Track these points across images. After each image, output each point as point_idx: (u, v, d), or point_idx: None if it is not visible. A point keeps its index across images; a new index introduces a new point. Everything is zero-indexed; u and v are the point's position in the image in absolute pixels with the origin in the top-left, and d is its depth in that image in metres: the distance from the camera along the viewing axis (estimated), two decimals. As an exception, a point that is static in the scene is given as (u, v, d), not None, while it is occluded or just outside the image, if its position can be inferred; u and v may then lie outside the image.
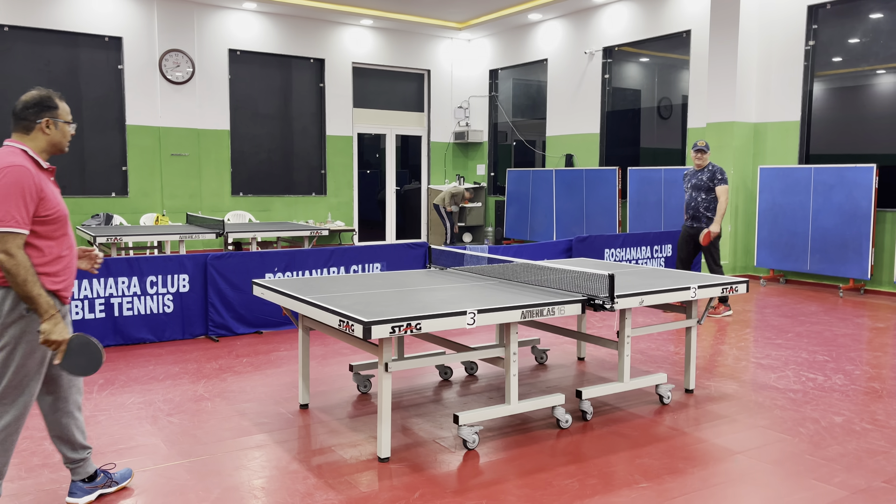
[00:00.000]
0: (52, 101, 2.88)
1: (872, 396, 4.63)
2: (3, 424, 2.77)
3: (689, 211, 7.30)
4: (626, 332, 4.34)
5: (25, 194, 2.67)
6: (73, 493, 3.09)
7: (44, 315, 2.69)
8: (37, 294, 2.67)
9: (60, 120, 2.89)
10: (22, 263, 2.65)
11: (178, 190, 12.00)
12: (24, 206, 2.66)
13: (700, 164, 7.25)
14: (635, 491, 3.23)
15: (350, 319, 3.25)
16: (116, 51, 11.50)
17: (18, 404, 2.79)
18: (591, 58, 12.46)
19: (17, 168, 2.68)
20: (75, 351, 2.78)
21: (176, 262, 6.09)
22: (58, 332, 2.71)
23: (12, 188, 2.65)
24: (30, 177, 2.70)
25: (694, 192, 7.25)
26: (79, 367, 2.80)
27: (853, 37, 9.13)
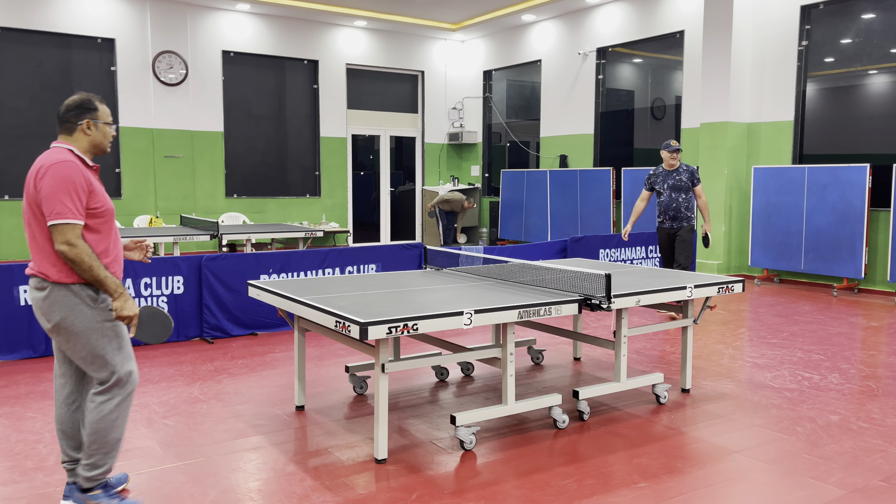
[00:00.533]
0: (93, 103, 3.02)
1: (868, 395, 4.64)
2: (116, 403, 2.95)
3: (670, 212, 7.13)
4: (623, 331, 4.34)
5: (77, 188, 2.83)
6: (68, 497, 3.06)
7: (114, 294, 2.87)
8: (104, 276, 2.84)
9: (100, 121, 3.03)
10: (85, 251, 2.81)
11: (171, 192, 11.96)
12: (77, 198, 2.82)
13: (674, 164, 7.11)
14: (633, 491, 3.22)
15: (346, 320, 3.23)
16: (109, 52, 11.45)
17: (128, 384, 2.98)
18: (584, 58, 12.48)
19: (66, 163, 2.84)
20: (146, 321, 3.00)
21: (170, 263, 6.06)
22: (129, 308, 2.88)
23: (65, 182, 2.81)
24: (79, 171, 2.86)
25: (674, 193, 7.09)
26: (153, 335, 3.02)
27: (846, 37, 9.17)
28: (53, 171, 2.80)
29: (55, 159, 2.84)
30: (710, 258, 10.07)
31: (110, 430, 2.92)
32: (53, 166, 2.81)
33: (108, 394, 2.93)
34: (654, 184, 7.24)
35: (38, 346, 5.53)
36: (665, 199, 7.16)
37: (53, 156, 2.86)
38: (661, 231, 7.30)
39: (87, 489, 2.95)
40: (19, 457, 3.59)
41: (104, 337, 2.90)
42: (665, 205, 7.16)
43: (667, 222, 7.19)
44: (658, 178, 7.21)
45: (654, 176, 7.26)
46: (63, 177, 2.80)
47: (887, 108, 8.80)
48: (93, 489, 2.95)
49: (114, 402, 2.93)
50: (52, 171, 2.80)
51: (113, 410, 2.93)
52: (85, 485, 2.94)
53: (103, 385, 2.93)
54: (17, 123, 10.90)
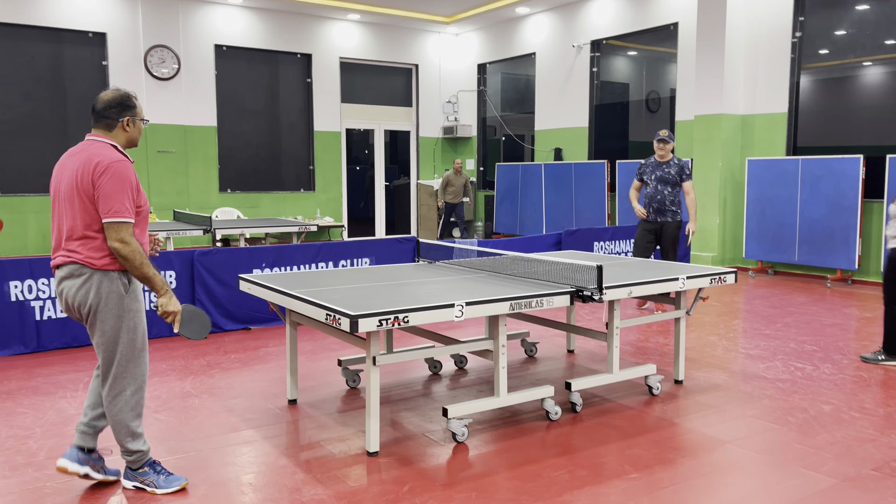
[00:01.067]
0: (132, 101, 3.10)
1: (860, 385, 4.65)
2: (131, 392, 3.05)
3: (654, 204, 6.86)
4: (615, 323, 4.33)
5: (131, 187, 2.96)
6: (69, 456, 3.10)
7: (160, 291, 3.00)
8: (152, 274, 2.97)
9: (138, 118, 3.12)
10: (136, 249, 2.93)
11: (165, 187, 11.92)
12: (130, 197, 2.95)
13: (663, 154, 6.83)
14: (625, 482, 3.22)
15: (337, 313, 3.22)
16: (101, 47, 11.39)
17: (137, 375, 3.07)
18: (578, 51, 12.46)
19: (124, 163, 2.95)
20: (188, 318, 3.10)
21: (162, 258, 6.04)
22: (173, 305, 3.03)
23: (124, 182, 2.92)
24: (132, 171, 3.00)
25: (660, 185, 6.83)
26: (194, 331, 3.12)
27: (840, 28, 9.16)
28: (114, 169, 2.90)
29: (113, 157, 2.92)
30: (704, 250, 10.07)
31: (128, 418, 3.06)
32: (114, 164, 2.91)
33: (118, 386, 3.04)
34: (643, 174, 7.01)
35: (30, 342, 5.51)
36: (650, 191, 6.91)
37: (107, 153, 2.94)
38: (641, 225, 7.01)
39: (135, 469, 3.13)
40: (9, 452, 3.57)
41: (125, 324, 3.01)
42: (650, 196, 6.91)
43: (650, 215, 6.93)
44: (647, 169, 6.98)
45: (644, 166, 7.04)
46: (123, 176, 2.91)
47: (881, 100, 8.80)
48: (140, 468, 3.12)
49: (126, 392, 3.04)
50: (113, 170, 2.90)
51: (127, 401, 3.05)
52: (132, 465, 3.13)
53: (109, 377, 3.03)
54: (8, 119, 10.84)
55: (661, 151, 6.84)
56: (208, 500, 3.06)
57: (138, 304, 3.06)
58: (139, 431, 3.09)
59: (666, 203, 6.84)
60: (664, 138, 6.80)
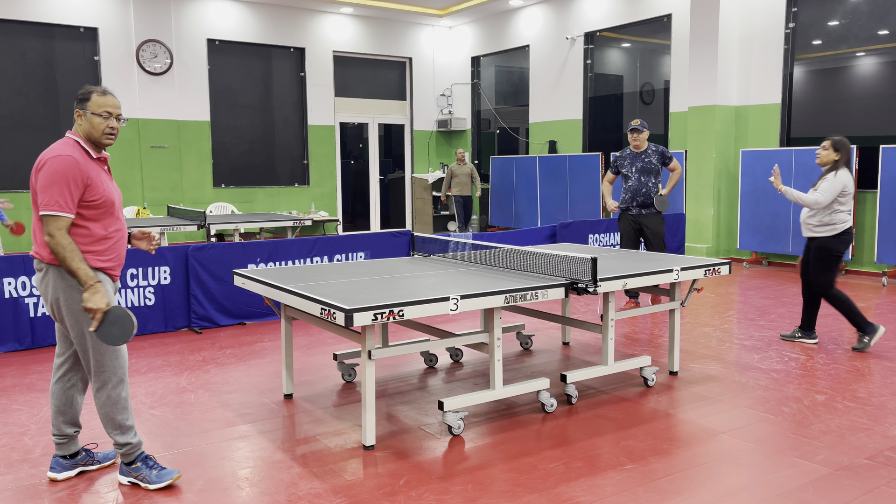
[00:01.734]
0: (87, 93, 3.05)
1: (854, 375, 4.67)
2: (112, 386, 3.06)
3: (639, 197, 6.58)
4: (610, 315, 4.35)
5: (70, 182, 2.90)
6: (54, 469, 3.21)
7: (84, 284, 2.91)
8: (76, 267, 2.90)
9: (88, 111, 3.03)
10: (60, 242, 2.89)
11: (158, 182, 11.87)
12: (67, 192, 2.90)
13: (639, 145, 6.57)
14: (620, 473, 3.23)
15: (332, 307, 3.22)
16: (92, 42, 11.32)
17: (117, 367, 3.06)
18: (572, 43, 12.44)
19: (62, 158, 2.92)
20: (110, 321, 2.95)
21: (156, 254, 6.02)
22: (94, 301, 2.90)
23: (57, 176, 2.89)
24: (75, 166, 2.92)
25: (643, 176, 6.55)
26: (111, 335, 2.94)
27: (833, 19, 9.17)
28: (49, 163, 2.91)
29: (55, 152, 2.94)
30: (699, 242, 10.10)
31: (114, 412, 3.08)
32: (51, 159, 2.92)
33: (100, 379, 3.06)
34: (620, 167, 6.71)
35: (24, 339, 5.50)
36: (633, 184, 6.60)
37: (56, 148, 2.97)
38: (625, 218, 6.73)
39: (128, 463, 3.14)
40: (5, 449, 3.57)
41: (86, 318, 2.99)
42: (633, 189, 6.60)
43: (634, 208, 6.64)
44: (625, 161, 6.68)
45: (620, 158, 6.73)
46: (56, 171, 2.89)
47: (874, 90, 8.81)
48: (132, 462, 3.14)
49: (108, 387, 3.06)
50: (48, 164, 2.91)
51: (110, 394, 3.07)
52: (125, 459, 3.15)
53: (91, 371, 3.07)
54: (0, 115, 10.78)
55: (636, 142, 6.57)
56: (205, 495, 3.07)
57: None
58: (128, 424, 3.11)
59: (650, 195, 6.59)
60: (637, 127, 6.52)
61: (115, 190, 3.15)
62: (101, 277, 3.04)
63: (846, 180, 5.10)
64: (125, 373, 3.11)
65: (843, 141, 5.24)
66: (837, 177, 5.11)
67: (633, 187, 6.61)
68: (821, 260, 5.22)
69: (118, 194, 3.18)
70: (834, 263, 5.20)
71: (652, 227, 6.63)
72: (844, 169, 5.18)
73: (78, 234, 2.98)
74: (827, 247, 5.19)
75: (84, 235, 3.00)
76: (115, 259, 3.12)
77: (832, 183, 5.08)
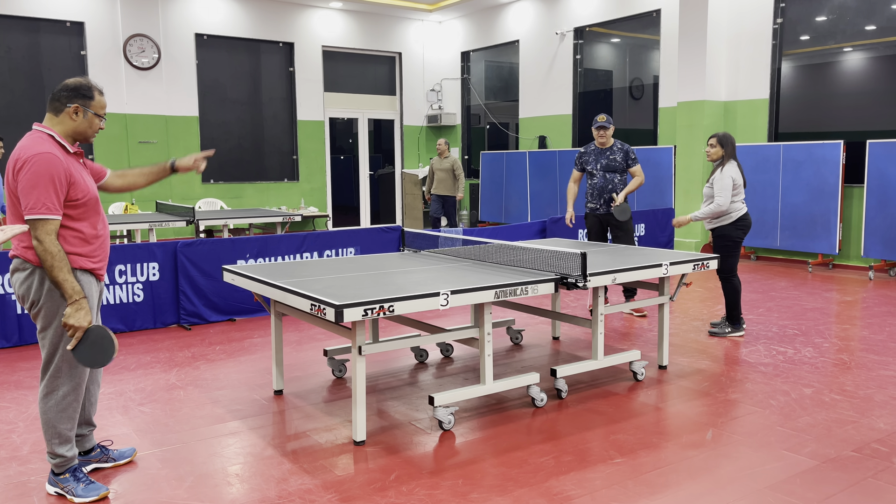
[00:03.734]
0: (91, 91, 2.93)
1: (841, 368, 4.72)
2: (62, 394, 2.94)
3: (605, 195, 6.35)
4: (599, 310, 4.36)
5: (56, 181, 2.77)
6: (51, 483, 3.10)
7: (68, 299, 2.79)
8: (62, 279, 2.77)
9: (91, 111, 2.94)
10: (49, 250, 2.75)
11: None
12: (54, 193, 2.76)
13: (604, 142, 6.35)
14: (610, 466, 3.25)
15: (322, 303, 3.22)
16: (79, 36, 11.23)
17: (73, 376, 2.94)
18: (562, 39, 12.44)
19: (45, 156, 2.76)
20: (90, 341, 2.81)
21: (145, 250, 5.99)
22: (77, 318, 2.78)
23: (42, 176, 2.74)
24: (59, 164, 2.78)
25: (608, 174, 6.34)
26: (88, 357, 2.82)
27: (820, 14, 9.21)
28: (32, 163, 2.74)
29: (34, 150, 2.77)
30: (688, 237, 10.14)
31: (57, 420, 2.95)
32: (32, 158, 2.74)
33: (51, 384, 2.94)
34: (585, 164, 6.48)
35: (11, 336, 5.46)
36: (598, 182, 6.39)
37: (32, 145, 2.79)
38: (591, 217, 6.51)
39: (57, 473, 3.03)
40: (-8, 447, 3.55)
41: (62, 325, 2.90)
42: (599, 187, 6.38)
43: (601, 207, 6.41)
44: (590, 158, 6.45)
45: (585, 155, 6.50)
46: (40, 171, 2.74)
47: (861, 86, 8.87)
48: (62, 473, 3.03)
49: (58, 394, 2.94)
50: (30, 164, 2.74)
51: (59, 402, 2.94)
52: (55, 469, 3.03)
53: (47, 374, 2.95)
54: (-15, 110, 10.68)
55: (601, 139, 6.34)
56: (195, 491, 3.06)
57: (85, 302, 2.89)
58: (68, 435, 2.98)
59: (616, 192, 6.36)
60: (603, 124, 6.30)
61: (94, 183, 3.05)
62: (88, 279, 2.95)
63: (733, 173, 5.46)
64: (81, 382, 2.97)
65: (727, 136, 5.61)
66: (724, 173, 5.44)
67: (599, 185, 6.39)
68: (722, 248, 5.54)
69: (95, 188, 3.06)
70: (734, 249, 5.54)
71: (619, 226, 6.41)
72: (731, 162, 5.54)
73: (68, 236, 2.87)
74: (725, 234, 5.52)
75: (74, 237, 2.89)
76: (103, 258, 3.04)
77: (722, 181, 5.41)
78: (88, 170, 3.10)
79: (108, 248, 3.09)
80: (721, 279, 5.57)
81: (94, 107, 2.94)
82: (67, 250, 2.87)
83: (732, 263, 5.52)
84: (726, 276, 5.53)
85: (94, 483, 3.03)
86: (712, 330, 5.65)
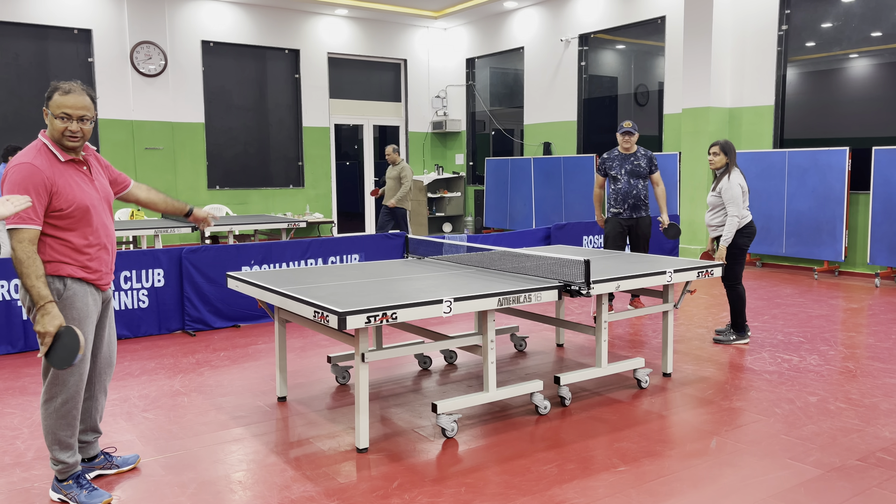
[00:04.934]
0: (51, 92, 2.87)
1: (846, 376, 4.69)
2: (61, 402, 2.94)
3: (630, 200, 6.46)
4: (604, 317, 4.35)
5: (31, 191, 2.75)
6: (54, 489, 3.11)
7: (35, 305, 2.78)
8: (30, 285, 2.77)
9: (50, 112, 2.86)
10: (18, 257, 2.76)
11: (152, 184, 11.84)
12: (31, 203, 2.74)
13: (628, 147, 6.47)
14: (614, 475, 3.24)
15: (325, 310, 3.22)
16: (86, 43, 11.30)
17: (70, 383, 2.94)
18: (567, 45, 12.46)
19: (23, 167, 2.78)
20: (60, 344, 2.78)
21: (150, 256, 6.01)
22: (43, 324, 2.75)
23: (15, 187, 2.75)
24: (37, 174, 2.77)
25: (633, 179, 6.44)
26: (55, 358, 2.79)
27: (825, 21, 9.21)
28: (11, 174, 2.77)
29: (17, 160, 2.80)
30: (692, 244, 10.12)
31: (57, 427, 2.97)
32: (12, 169, 2.78)
33: (50, 391, 2.95)
34: (608, 168, 6.57)
35: (17, 342, 5.48)
36: (623, 187, 6.47)
37: (20, 155, 2.84)
38: (614, 221, 6.57)
39: (61, 480, 3.04)
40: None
41: None
42: (624, 192, 6.48)
43: (625, 212, 6.51)
44: (614, 163, 6.55)
45: (608, 160, 6.58)
46: (14, 181, 2.76)
47: (866, 92, 8.85)
48: (65, 480, 3.04)
49: (56, 401, 2.95)
50: (10, 174, 2.78)
51: (58, 409, 2.95)
52: (58, 476, 3.04)
53: (46, 380, 2.96)
54: (-7, 117, 10.75)
55: (626, 144, 6.46)
56: (197, 498, 3.06)
57: (74, 311, 2.91)
58: (68, 442, 3.00)
59: (641, 197, 6.50)
60: (629, 130, 6.42)
61: (95, 192, 2.96)
62: (82, 289, 2.92)
63: (740, 181, 5.43)
64: (80, 390, 2.97)
65: (729, 143, 5.54)
66: (732, 182, 5.39)
67: (623, 190, 6.48)
68: (728, 255, 5.50)
69: (103, 195, 3.01)
70: (740, 257, 5.50)
71: (641, 230, 6.58)
72: (735, 170, 5.49)
73: (54, 246, 2.85)
74: (731, 241, 5.47)
75: (61, 247, 2.86)
76: (100, 268, 2.98)
77: (731, 190, 5.36)
78: (97, 178, 3.03)
79: (108, 257, 3.03)
80: (726, 287, 5.54)
81: (51, 107, 2.84)
82: (54, 258, 2.85)
83: (738, 271, 5.50)
84: (731, 283, 5.51)
85: (97, 490, 3.04)
86: (717, 337, 5.63)
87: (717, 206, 5.49)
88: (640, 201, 6.53)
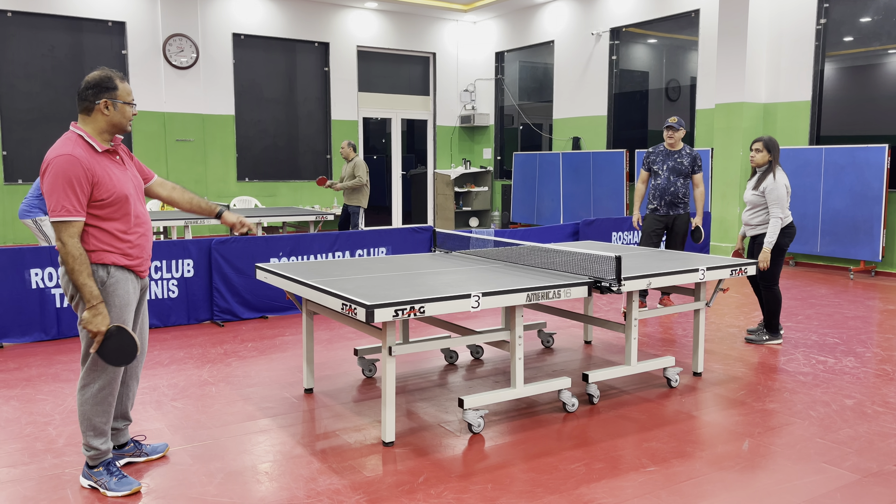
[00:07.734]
0: (112, 81, 2.93)
1: (884, 379, 4.57)
2: (98, 388, 2.98)
3: (667, 197, 6.39)
4: (634, 314, 4.29)
5: (74, 182, 2.79)
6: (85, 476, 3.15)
7: (87, 304, 2.84)
8: (81, 283, 2.82)
9: (119, 101, 2.94)
10: (70, 253, 2.80)
11: (183, 175, 11.97)
12: (73, 194, 2.79)
13: (673, 143, 6.41)
14: (643, 475, 3.19)
15: (353, 303, 3.21)
16: (120, 36, 11.44)
17: (108, 371, 2.98)
18: (598, 39, 12.32)
19: (63, 158, 2.80)
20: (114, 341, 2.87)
21: (180, 247, 6.07)
22: (95, 323, 2.84)
23: (59, 178, 2.78)
24: (77, 165, 2.80)
25: (672, 176, 6.37)
26: (112, 357, 2.88)
27: (865, 15, 8.97)
28: (53, 165, 2.80)
29: (57, 152, 2.83)
30: (724, 241, 9.96)
31: (93, 413, 3.01)
32: (54, 161, 2.81)
33: (88, 377, 3.00)
34: (652, 163, 6.52)
35: (50, 329, 5.57)
36: (662, 182, 6.41)
37: (58, 147, 2.86)
38: (651, 218, 6.51)
39: (91, 466, 3.07)
40: (29, 438, 3.61)
41: None
42: (662, 188, 6.42)
43: (662, 208, 6.45)
44: (658, 158, 6.49)
45: (652, 154, 6.54)
46: (57, 173, 2.78)
47: (907, 88, 8.61)
48: (96, 466, 3.07)
49: (94, 387, 2.99)
50: (52, 166, 2.80)
51: (94, 395, 2.99)
52: (89, 462, 3.07)
53: (85, 366, 3.00)
54: (29, 108, 10.93)
55: (670, 140, 6.41)
56: (224, 488, 3.07)
57: (117, 298, 2.95)
58: (103, 429, 3.03)
59: (679, 195, 6.42)
60: (674, 125, 6.37)
61: (130, 181, 3.01)
62: (124, 276, 2.97)
63: (784, 181, 5.29)
64: (117, 377, 3.02)
65: (773, 140, 5.38)
66: (777, 181, 5.25)
67: (662, 186, 6.43)
68: None
69: (136, 183, 3.06)
70: (779, 258, 5.36)
71: (678, 226, 6.54)
72: (779, 169, 5.34)
73: (97, 235, 2.89)
74: None
75: (104, 236, 2.91)
76: (141, 255, 3.04)
77: (776, 191, 5.21)
78: (129, 168, 3.08)
79: (147, 245, 3.09)
80: (763, 287, 5.39)
81: (121, 96, 2.95)
82: (97, 246, 2.90)
83: (776, 272, 5.36)
84: (768, 284, 5.37)
85: (126, 477, 3.06)
86: (749, 337, 5.53)
87: (759, 206, 5.32)
88: (677, 199, 6.44)
